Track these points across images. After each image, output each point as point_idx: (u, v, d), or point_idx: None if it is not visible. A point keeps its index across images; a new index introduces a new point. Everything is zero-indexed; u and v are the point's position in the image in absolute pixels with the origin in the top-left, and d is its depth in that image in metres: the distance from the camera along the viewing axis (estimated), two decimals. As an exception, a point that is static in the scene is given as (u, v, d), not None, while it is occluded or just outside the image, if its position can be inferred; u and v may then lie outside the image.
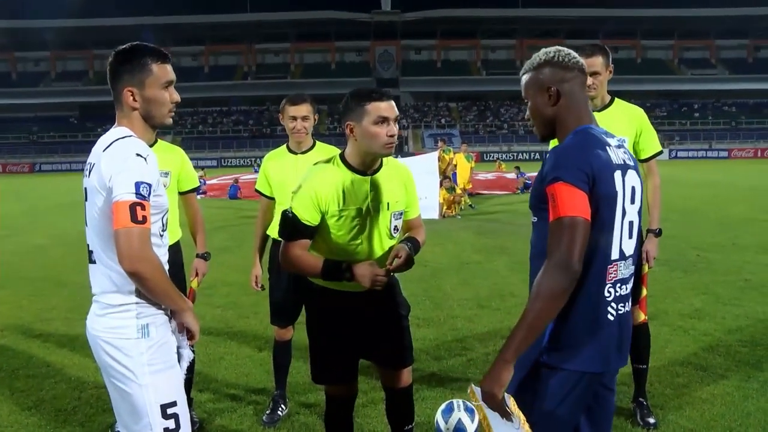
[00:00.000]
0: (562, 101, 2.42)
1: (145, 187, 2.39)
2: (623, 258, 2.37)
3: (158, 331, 2.55)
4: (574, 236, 2.17)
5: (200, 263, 4.50)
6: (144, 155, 2.44)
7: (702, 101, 77.43)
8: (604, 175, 2.26)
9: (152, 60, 2.60)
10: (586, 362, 2.32)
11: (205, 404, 4.84)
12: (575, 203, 2.19)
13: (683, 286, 8.31)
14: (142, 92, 2.57)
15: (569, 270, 2.16)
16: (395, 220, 3.30)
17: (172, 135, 68.80)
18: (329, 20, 79.80)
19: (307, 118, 4.45)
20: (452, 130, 67.63)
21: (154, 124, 2.65)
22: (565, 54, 2.43)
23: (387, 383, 3.60)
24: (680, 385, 4.97)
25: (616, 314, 2.36)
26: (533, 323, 2.18)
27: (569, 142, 2.35)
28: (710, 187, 25.05)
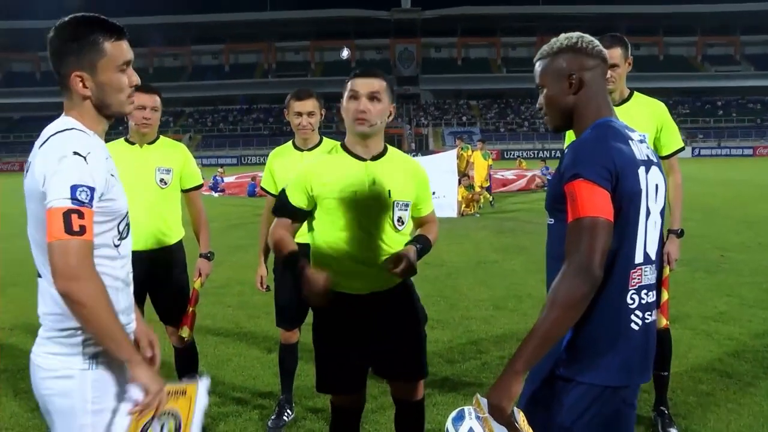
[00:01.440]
0: (582, 91, 2.23)
1: (84, 191, 1.98)
2: (648, 262, 2.18)
3: (108, 362, 2.13)
4: (595, 238, 1.99)
5: (203, 263, 4.37)
6: (83, 153, 2.02)
7: (726, 98, 76.45)
8: (627, 171, 2.08)
9: (104, 37, 2.13)
10: (606, 375, 2.13)
11: (209, 408, 4.67)
12: (596, 202, 2.01)
13: (706, 287, 8.06)
14: (93, 77, 2.12)
15: (589, 275, 1.97)
16: (399, 210, 3.09)
17: (192, 133, 69.21)
18: (349, 18, 79.84)
19: (313, 114, 4.28)
20: (473, 128, 67.32)
21: (109, 114, 2.21)
22: (588, 41, 2.26)
23: (397, 395, 3.38)
24: (704, 392, 4.75)
25: (642, 323, 2.17)
26: (548, 333, 2.00)
27: (589, 135, 2.16)
28: (734, 186, 24.62)
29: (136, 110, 4.06)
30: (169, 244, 4.25)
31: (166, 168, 4.19)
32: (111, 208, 2.15)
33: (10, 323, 7.07)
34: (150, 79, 58.81)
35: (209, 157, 59.54)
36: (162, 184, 4.17)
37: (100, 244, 2.11)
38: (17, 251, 11.97)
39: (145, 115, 4.08)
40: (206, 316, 6.91)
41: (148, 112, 4.09)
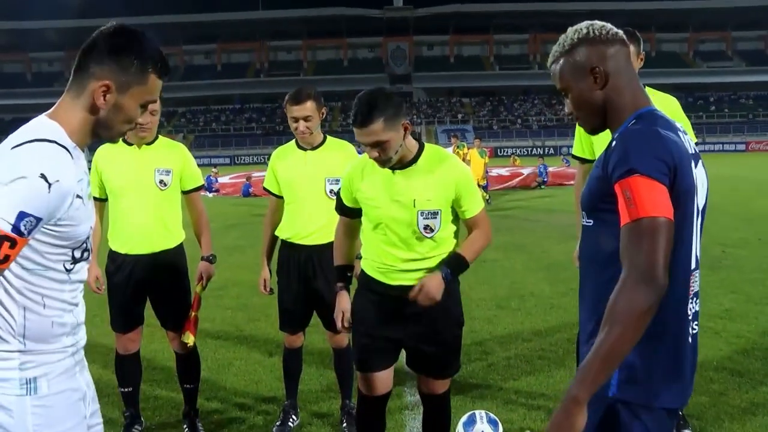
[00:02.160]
0: (612, 81, 1.99)
1: (30, 221, 1.77)
2: (698, 266, 1.97)
3: (51, 385, 1.94)
4: (658, 241, 1.74)
5: (205, 266, 4.25)
6: (51, 180, 1.79)
7: (718, 94, 76.62)
8: (684, 165, 1.86)
9: (153, 69, 1.99)
10: (676, 396, 1.92)
11: (212, 414, 4.60)
12: (657, 201, 1.76)
13: (710, 284, 7.96)
14: (119, 95, 1.95)
15: (654, 283, 1.72)
16: (425, 219, 3.11)
17: (185, 133, 69.00)
18: (341, 17, 79.63)
19: (310, 118, 4.05)
20: (466, 126, 67.24)
21: (102, 135, 2.02)
22: (600, 26, 2.03)
23: (425, 389, 3.45)
24: (716, 392, 4.67)
25: (693, 333, 1.97)
26: (612, 353, 1.72)
27: (638, 126, 1.92)
28: (728, 181, 24.58)
29: None
30: (170, 247, 4.14)
31: (166, 169, 4.07)
32: (69, 234, 1.94)
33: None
34: (142, 80, 58.33)
35: (202, 157, 59.12)
36: (162, 186, 4.05)
37: (47, 267, 1.92)
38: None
39: (143, 120, 3.94)
40: (205, 319, 6.75)
41: (146, 116, 3.95)
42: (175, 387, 4.72)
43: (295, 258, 4.20)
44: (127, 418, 4.29)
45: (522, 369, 5.33)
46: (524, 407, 4.57)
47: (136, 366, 4.35)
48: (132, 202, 4.04)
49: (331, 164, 4.13)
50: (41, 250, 1.89)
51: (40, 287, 1.92)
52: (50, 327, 1.96)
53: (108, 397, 4.86)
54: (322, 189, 4.12)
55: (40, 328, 1.94)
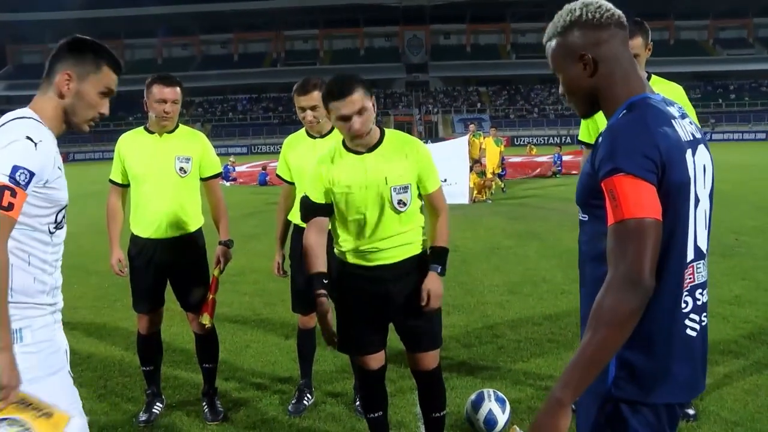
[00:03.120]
0: (601, 69, 1.91)
1: (23, 173, 2.14)
2: (700, 257, 1.90)
3: (35, 335, 2.27)
4: (644, 243, 1.70)
5: (223, 250, 4.40)
6: (35, 140, 2.21)
7: (738, 82, 75.75)
8: (675, 158, 1.78)
9: (106, 62, 2.42)
10: (671, 392, 1.86)
11: (230, 393, 4.77)
12: (642, 200, 1.71)
13: (722, 271, 8.03)
14: (79, 83, 2.36)
15: (639, 286, 1.69)
16: (397, 194, 3.30)
17: (202, 122, 69.32)
18: (357, 6, 79.39)
19: (317, 107, 4.15)
20: (482, 115, 67.03)
21: (70, 123, 2.41)
22: (595, 8, 1.92)
23: (414, 367, 3.58)
24: (721, 374, 4.76)
25: (699, 327, 1.89)
26: (595, 356, 1.71)
27: (626, 118, 1.84)
28: (747, 170, 24.42)
29: (156, 103, 4.10)
30: (189, 232, 4.30)
31: (186, 157, 4.22)
32: (52, 197, 2.30)
33: None
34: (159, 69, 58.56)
35: (219, 147, 59.38)
36: (181, 173, 4.20)
37: (35, 227, 2.28)
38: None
39: (165, 109, 4.10)
40: (223, 304, 6.94)
41: (168, 105, 4.10)
42: (194, 368, 4.89)
43: None
44: (148, 396, 4.46)
45: (531, 351, 5.45)
46: (532, 387, 4.69)
47: (158, 346, 4.52)
48: (153, 188, 4.20)
49: None
50: (32, 212, 2.24)
51: (27, 245, 2.27)
52: (32, 283, 2.29)
53: (131, 377, 5.05)
54: None
55: (24, 283, 2.26)
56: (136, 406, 4.52)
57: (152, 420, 4.35)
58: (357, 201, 3.29)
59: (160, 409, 4.46)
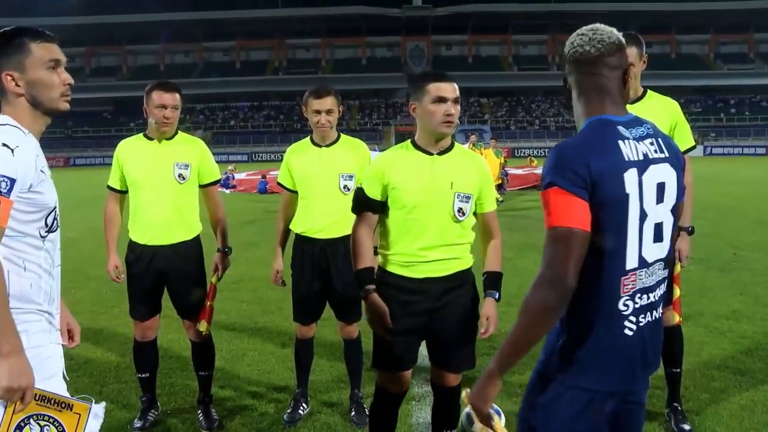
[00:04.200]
0: (573, 93, 2.24)
1: (4, 181, 2.12)
2: (644, 266, 2.12)
3: (31, 340, 2.24)
4: (567, 249, 1.97)
5: (221, 257, 4.41)
6: (12, 146, 2.18)
7: (739, 96, 75.87)
8: (608, 176, 2.01)
9: (30, 39, 2.33)
10: (600, 379, 2.11)
11: (225, 401, 4.76)
12: (570, 212, 1.98)
13: (720, 285, 8.05)
14: (23, 75, 2.31)
15: (560, 286, 1.96)
16: (460, 202, 3.28)
17: (204, 130, 69.43)
18: (360, 15, 79.68)
19: (332, 112, 4.27)
20: (483, 126, 67.07)
21: (45, 111, 2.38)
22: (578, 45, 2.19)
23: (438, 381, 3.55)
24: (717, 390, 4.76)
25: (637, 327, 2.13)
26: (520, 339, 2.02)
27: (573, 138, 2.13)
28: (747, 185, 24.47)
29: (156, 109, 4.11)
30: (187, 239, 4.30)
31: (185, 163, 4.23)
32: (38, 201, 2.29)
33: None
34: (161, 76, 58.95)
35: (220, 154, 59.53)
36: (180, 180, 4.21)
37: (26, 233, 2.28)
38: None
39: (165, 115, 4.12)
40: (220, 312, 6.94)
41: (168, 111, 4.13)
42: (190, 375, 4.89)
43: (309, 251, 4.35)
44: (144, 402, 4.46)
45: (527, 364, 5.35)
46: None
47: (154, 353, 4.51)
48: (151, 194, 4.20)
49: (345, 161, 4.29)
50: (21, 218, 2.24)
51: (20, 252, 2.27)
52: (29, 288, 2.30)
53: (126, 383, 5.04)
54: (336, 184, 4.27)
55: (20, 289, 2.27)
56: (131, 412, 4.51)
57: (147, 427, 4.35)
58: (419, 202, 3.24)
59: (155, 416, 4.45)
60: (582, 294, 2.07)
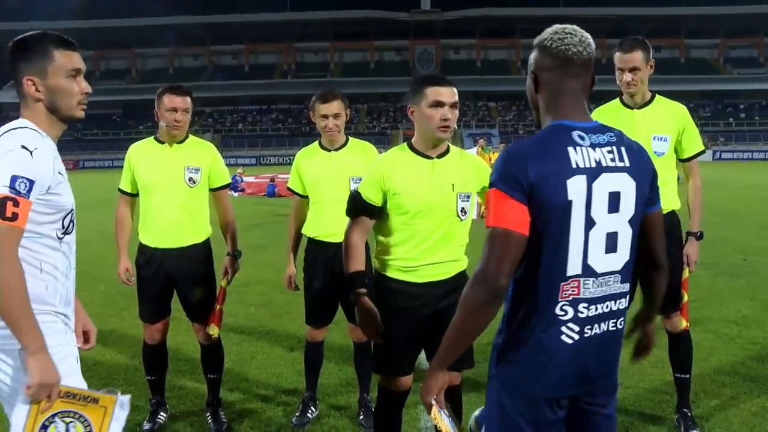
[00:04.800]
0: (542, 90, 2.20)
1: (23, 182, 2.15)
2: (591, 275, 2.09)
3: (48, 340, 2.23)
4: (503, 250, 2.00)
5: (230, 261, 4.42)
6: (30, 148, 2.22)
7: (748, 101, 75.59)
8: (547, 182, 2.01)
9: (54, 47, 2.36)
10: (527, 382, 2.13)
11: (234, 404, 4.77)
12: (507, 214, 2.01)
13: (729, 291, 8.02)
14: (44, 81, 2.34)
15: (492, 284, 2.00)
16: (462, 202, 3.32)
17: (212, 133, 69.62)
18: (368, 19, 79.83)
19: (339, 116, 4.29)
20: (491, 130, 67.13)
21: (61, 117, 2.41)
22: (559, 38, 2.16)
23: None
24: (727, 396, 4.74)
25: (579, 337, 2.10)
26: (457, 335, 2.09)
27: (524, 141, 2.14)
28: (756, 190, 24.37)
29: (167, 112, 4.13)
30: (197, 242, 4.31)
31: (195, 167, 4.25)
32: (56, 202, 2.31)
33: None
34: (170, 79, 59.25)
35: (228, 157, 59.79)
36: (191, 183, 4.23)
37: (43, 234, 2.30)
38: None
39: (176, 118, 4.14)
40: (229, 315, 6.94)
41: (179, 114, 4.14)
42: (199, 378, 4.90)
43: (322, 255, 4.36)
44: (153, 405, 4.47)
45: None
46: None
47: (163, 355, 4.53)
48: (162, 198, 4.22)
49: (355, 164, 4.30)
50: (38, 220, 2.26)
51: (37, 253, 2.29)
52: (45, 290, 2.32)
53: (135, 386, 5.05)
54: (347, 188, 4.27)
55: (36, 290, 2.27)
56: (140, 415, 4.52)
57: (156, 429, 4.36)
58: (421, 205, 3.24)
59: (164, 418, 4.47)
60: (521, 294, 2.13)
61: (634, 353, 2.59)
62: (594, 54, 2.21)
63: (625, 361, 5.44)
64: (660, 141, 4.10)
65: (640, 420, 4.37)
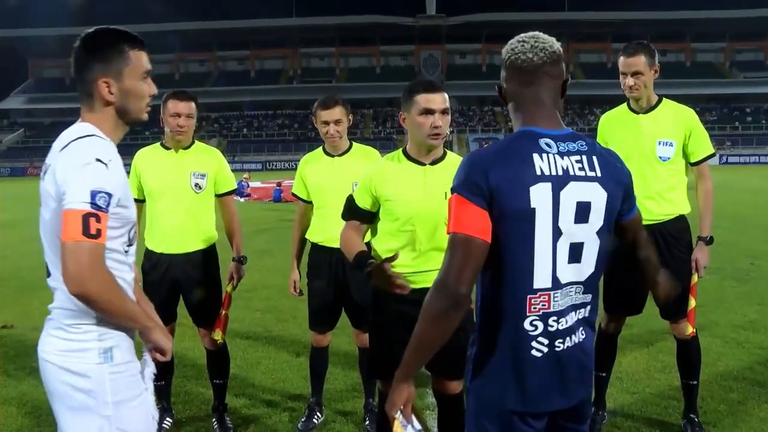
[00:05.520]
0: (508, 100, 2.19)
1: (102, 196, 2.06)
2: (558, 287, 2.04)
3: (123, 354, 2.23)
4: (464, 257, 1.94)
5: (236, 267, 4.42)
6: (105, 161, 2.11)
7: (755, 105, 75.43)
8: (508, 188, 1.96)
9: (129, 46, 2.25)
10: (499, 395, 2.09)
11: (240, 410, 4.76)
12: (467, 220, 1.96)
13: (736, 295, 7.98)
14: (119, 83, 2.23)
15: (449, 292, 1.95)
16: None
17: (218, 138, 69.80)
18: (374, 24, 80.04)
19: (340, 122, 4.29)
20: (497, 135, 67.07)
21: (129, 120, 2.31)
22: (509, 50, 2.15)
23: (439, 389, 3.53)
24: (734, 401, 4.71)
25: (549, 350, 2.06)
26: (419, 343, 2.03)
27: (488, 147, 2.11)
28: (763, 194, 24.27)
29: (171, 118, 4.14)
30: (203, 248, 4.31)
31: (201, 173, 4.26)
32: (124, 215, 2.22)
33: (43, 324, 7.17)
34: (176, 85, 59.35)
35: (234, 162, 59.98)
36: (197, 189, 4.24)
37: (112, 249, 2.20)
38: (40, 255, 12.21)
39: (179, 123, 4.14)
40: (234, 320, 6.93)
41: (183, 119, 4.15)
42: (205, 383, 4.90)
43: (326, 260, 4.36)
44: (158, 410, 4.46)
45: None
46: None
47: (169, 361, 4.51)
48: (168, 203, 4.23)
49: (358, 169, 4.28)
50: (110, 234, 2.15)
51: (110, 268, 2.15)
52: None
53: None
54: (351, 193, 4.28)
55: None
56: (146, 420, 4.52)
57: (162, 435, 4.36)
58: (412, 213, 3.24)
59: (169, 424, 4.47)
60: (489, 308, 2.09)
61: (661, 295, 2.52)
62: (553, 57, 2.13)
63: (632, 366, 5.46)
64: (665, 146, 4.07)
65: (647, 425, 4.35)
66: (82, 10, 72.35)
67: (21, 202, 22.78)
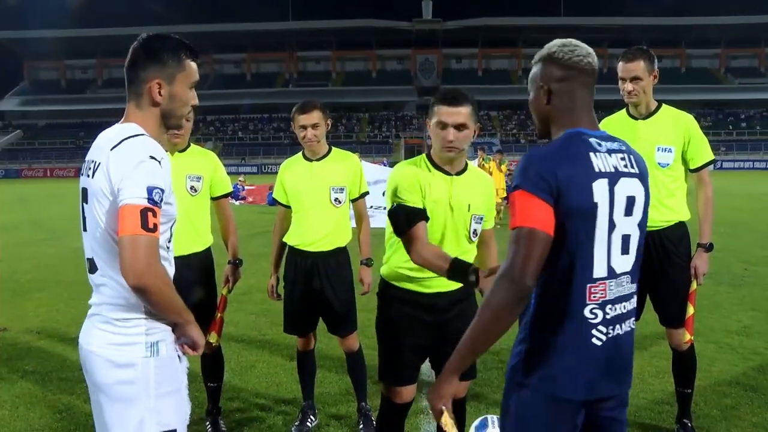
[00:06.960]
0: (555, 101, 2.23)
1: (158, 192, 2.16)
2: (613, 276, 2.14)
3: (168, 349, 2.33)
4: (529, 249, 1.99)
5: (232, 269, 4.42)
6: (158, 158, 2.22)
7: (749, 111, 75.72)
8: (575, 185, 2.05)
9: (186, 55, 2.39)
10: (560, 386, 2.11)
11: (233, 414, 4.76)
12: (533, 214, 2.01)
13: (731, 301, 8.00)
14: (170, 87, 2.35)
15: (519, 284, 1.98)
16: (475, 223, 3.31)
17: (214, 141, 69.71)
18: (370, 28, 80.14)
19: (318, 126, 4.28)
20: (493, 139, 67.17)
21: (169, 125, 2.43)
22: (568, 50, 2.22)
23: None
24: (728, 406, 4.72)
25: (606, 337, 2.14)
26: (480, 335, 2.04)
27: (546, 147, 2.16)
28: (758, 199, 24.36)
29: None
30: (198, 250, 4.30)
31: (197, 176, 4.25)
32: (169, 211, 2.33)
33: (37, 327, 7.17)
34: (173, 88, 58.96)
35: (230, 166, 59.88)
36: (192, 192, 4.23)
37: (159, 245, 2.24)
38: (45, 257, 12.18)
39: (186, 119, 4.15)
40: (229, 324, 6.93)
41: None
42: (199, 386, 4.86)
43: (301, 264, 4.38)
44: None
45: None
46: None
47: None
48: (163, 206, 4.21)
49: (336, 174, 4.33)
50: None
51: None
52: None
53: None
54: (327, 198, 4.30)
55: None
56: (140, 424, 4.51)
57: (155, 438, 4.34)
58: (436, 222, 3.22)
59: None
60: (549, 299, 2.12)
61: None
62: (597, 63, 2.28)
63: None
64: (664, 152, 4.07)
65: (641, 430, 4.36)
66: (79, 12, 72.24)
67: (16, 204, 22.70)
